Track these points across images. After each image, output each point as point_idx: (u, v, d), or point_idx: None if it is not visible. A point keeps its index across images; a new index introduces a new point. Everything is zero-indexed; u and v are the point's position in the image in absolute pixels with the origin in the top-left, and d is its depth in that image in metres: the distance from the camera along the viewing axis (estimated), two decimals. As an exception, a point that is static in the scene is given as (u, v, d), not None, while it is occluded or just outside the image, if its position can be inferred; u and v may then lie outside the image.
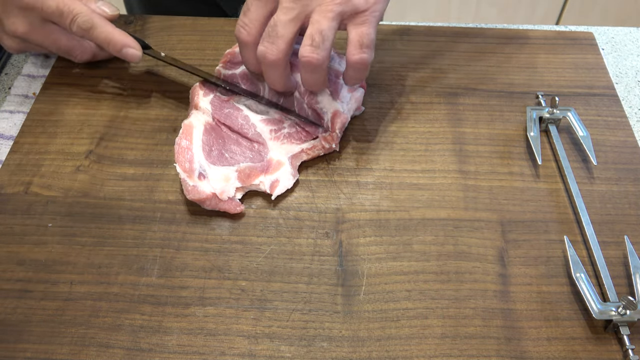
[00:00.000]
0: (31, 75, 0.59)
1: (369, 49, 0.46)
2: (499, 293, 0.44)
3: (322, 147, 0.50)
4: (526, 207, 0.48)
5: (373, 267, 0.45)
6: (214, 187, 0.47)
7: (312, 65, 0.45)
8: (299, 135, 0.51)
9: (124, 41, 0.52)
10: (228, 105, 0.52)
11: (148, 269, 0.44)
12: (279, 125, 0.51)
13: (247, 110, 0.52)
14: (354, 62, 0.46)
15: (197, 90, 0.53)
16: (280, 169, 0.49)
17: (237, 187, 0.48)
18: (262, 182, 0.48)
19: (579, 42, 0.61)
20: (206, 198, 0.46)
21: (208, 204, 0.46)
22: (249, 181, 0.48)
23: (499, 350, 0.41)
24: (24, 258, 0.45)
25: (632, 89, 0.59)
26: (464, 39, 0.61)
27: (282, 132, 0.51)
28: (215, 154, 0.49)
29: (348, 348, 0.41)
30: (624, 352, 0.41)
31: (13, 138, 0.53)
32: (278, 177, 0.48)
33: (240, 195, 0.48)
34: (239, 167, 0.48)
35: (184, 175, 0.46)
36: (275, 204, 0.48)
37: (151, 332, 0.41)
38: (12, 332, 0.41)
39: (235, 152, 0.50)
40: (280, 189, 0.48)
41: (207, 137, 0.49)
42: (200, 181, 0.47)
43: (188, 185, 0.46)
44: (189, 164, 0.47)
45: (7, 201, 0.48)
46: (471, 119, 0.54)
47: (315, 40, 0.45)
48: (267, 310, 0.42)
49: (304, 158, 0.50)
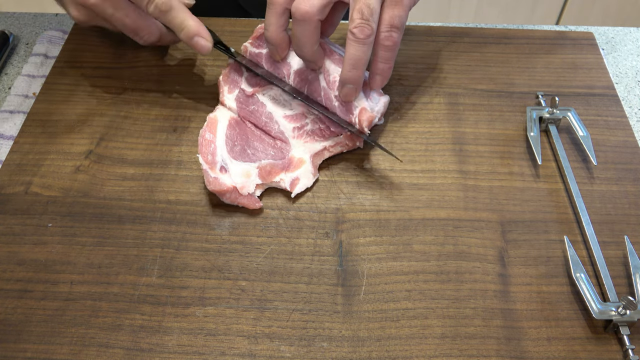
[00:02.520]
0: (31, 75, 0.59)
1: (398, 30, 0.47)
2: (499, 293, 0.44)
3: (345, 145, 0.50)
4: (526, 207, 0.48)
5: (373, 267, 0.45)
6: (235, 181, 0.47)
7: (364, 34, 0.45)
8: (322, 133, 0.50)
9: (198, 30, 0.51)
10: (253, 100, 0.52)
11: (148, 269, 0.44)
12: (301, 122, 0.51)
13: (270, 105, 0.52)
14: (383, 39, 0.47)
15: (221, 86, 0.53)
16: (301, 167, 0.49)
17: (258, 183, 0.48)
18: (283, 180, 0.48)
19: (579, 42, 0.61)
20: (227, 190, 0.46)
21: (227, 197, 0.47)
22: (269, 178, 0.48)
23: (499, 350, 0.41)
24: (24, 258, 0.45)
25: (632, 89, 0.59)
26: (464, 39, 0.61)
27: (305, 130, 0.51)
28: (237, 150, 0.49)
29: (348, 348, 0.41)
30: (624, 352, 0.41)
31: (13, 138, 0.53)
32: (298, 175, 0.49)
33: (260, 192, 0.48)
34: (260, 164, 0.48)
35: (206, 166, 0.47)
36: (276, 204, 0.48)
37: (151, 332, 0.41)
38: (12, 332, 0.41)
39: (258, 148, 0.50)
40: (300, 187, 0.48)
41: (231, 132, 0.50)
42: (222, 174, 0.47)
43: (210, 176, 0.47)
44: (212, 157, 0.48)
45: (7, 201, 0.48)
46: (471, 119, 0.54)
47: (364, 13, 0.45)
48: (267, 310, 0.42)
49: (326, 156, 0.51)
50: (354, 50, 0.46)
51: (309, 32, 0.47)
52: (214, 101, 0.55)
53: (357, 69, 0.47)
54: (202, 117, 0.54)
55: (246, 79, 0.53)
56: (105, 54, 0.59)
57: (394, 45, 0.48)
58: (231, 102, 0.52)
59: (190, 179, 0.50)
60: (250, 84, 0.53)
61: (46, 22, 0.66)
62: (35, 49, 0.61)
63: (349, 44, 0.46)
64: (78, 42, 0.60)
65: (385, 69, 0.49)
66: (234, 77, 0.53)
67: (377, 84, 0.50)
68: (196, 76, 0.57)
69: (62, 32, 0.63)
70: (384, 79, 0.50)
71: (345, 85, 0.48)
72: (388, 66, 0.49)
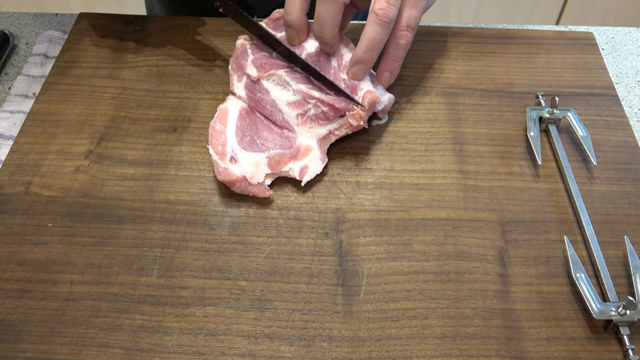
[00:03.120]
0: (31, 75, 0.59)
1: (413, 31, 0.50)
2: (499, 293, 0.44)
3: (350, 126, 0.50)
4: (526, 207, 0.48)
5: (373, 267, 0.45)
6: (245, 171, 0.47)
7: (388, 17, 0.47)
8: (326, 115, 0.50)
9: None
10: (258, 87, 0.52)
11: (148, 269, 0.44)
12: (304, 107, 0.51)
13: (274, 91, 0.51)
14: (398, 37, 0.49)
15: (231, 75, 0.53)
16: (309, 155, 0.49)
17: (267, 173, 0.48)
18: (292, 169, 0.49)
19: (579, 42, 0.61)
20: (236, 180, 0.47)
21: (238, 187, 0.47)
22: (278, 168, 0.49)
23: (499, 350, 0.41)
24: (24, 258, 0.45)
25: (632, 89, 0.59)
26: (464, 39, 0.61)
27: (308, 115, 0.50)
28: (247, 140, 0.50)
29: (348, 348, 0.41)
30: (624, 352, 0.41)
31: (13, 138, 0.53)
32: (307, 162, 0.49)
33: (270, 181, 0.49)
34: (269, 154, 0.49)
35: (216, 157, 0.47)
36: (276, 204, 0.48)
37: (151, 332, 0.41)
38: (12, 332, 0.41)
39: (267, 139, 0.50)
40: (310, 175, 0.48)
41: (241, 123, 0.50)
42: (232, 164, 0.47)
43: (220, 167, 0.47)
44: (222, 148, 0.48)
45: (7, 201, 0.48)
46: (471, 119, 0.54)
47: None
48: (267, 310, 0.42)
49: (332, 140, 0.51)
50: (373, 32, 0.48)
51: (334, 13, 0.48)
52: (214, 101, 0.55)
53: (373, 50, 0.48)
54: (202, 117, 0.54)
55: (252, 61, 0.53)
56: (105, 54, 0.59)
57: (407, 45, 0.50)
58: (241, 90, 0.52)
59: (190, 179, 0.50)
60: (255, 66, 0.52)
61: (46, 22, 0.66)
62: (35, 49, 0.61)
63: (370, 25, 0.47)
64: (78, 42, 0.60)
65: (395, 67, 0.51)
66: (240, 61, 0.53)
67: (385, 80, 0.51)
68: (196, 76, 0.57)
69: (62, 32, 0.63)
70: (392, 76, 0.51)
71: (356, 65, 0.49)
72: (397, 64, 0.51)
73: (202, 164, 0.50)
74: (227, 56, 0.59)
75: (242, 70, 0.53)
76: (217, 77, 0.57)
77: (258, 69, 0.52)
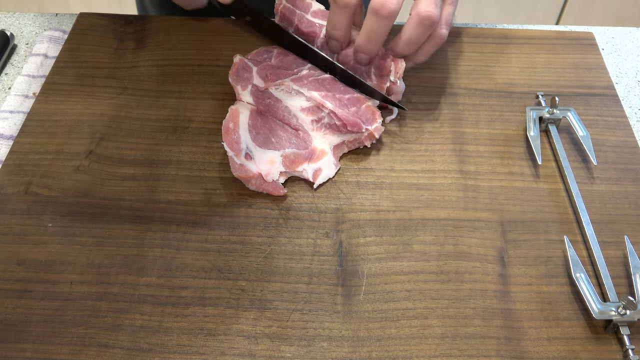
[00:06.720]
0: (31, 75, 0.59)
1: (449, 28, 0.51)
2: (499, 293, 0.44)
3: (362, 142, 0.51)
4: (526, 207, 0.48)
5: (373, 267, 0.45)
6: (260, 168, 0.48)
7: (431, 20, 0.47)
8: (339, 129, 0.51)
9: None
10: (267, 94, 0.52)
11: (148, 269, 0.44)
12: (318, 115, 0.51)
13: (286, 99, 0.52)
14: (435, 36, 0.50)
15: (234, 86, 0.53)
16: (323, 158, 0.50)
17: (281, 171, 0.48)
18: (305, 170, 0.49)
19: (579, 42, 0.61)
20: (252, 177, 0.47)
21: (253, 184, 0.48)
22: (293, 167, 0.49)
23: (499, 350, 0.41)
24: (24, 258, 0.45)
25: (632, 89, 0.59)
26: (464, 39, 0.61)
27: (322, 123, 0.51)
28: (261, 138, 0.50)
29: (348, 348, 0.41)
30: (624, 352, 0.41)
31: (13, 138, 0.53)
32: (321, 165, 0.49)
33: (283, 179, 0.49)
34: (284, 153, 0.49)
35: (232, 153, 0.47)
36: (276, 204, 0.48)
37: (151, 332, 0.41)
38: (12, 332, 0.41)
39: (282, 137, 0.51)
40: (323, 178, 0.49)
41: (254, 121, 0.50)
42: (247, 161, 0.48)
43: (235, 163, 0.47)
44: (236, 145, 0.48)
45: (7, 201, 0.48)
46: (471, 119, 0.54)
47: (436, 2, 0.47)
48: (267, 310, 0.42)
49: (345, 150, 0.51)
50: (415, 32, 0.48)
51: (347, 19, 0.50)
52: (214, 101, 0.55)
53: (411, 48, 0.50)
54: (202, 117, 0.54)
55: (257, 72, 0.53)
56: (105, 54, 0.59)
57: (443, 40, 0.51)
58: (248, 97, 0.52)
59: (190, 179, 0.50)
60: (261, 76, 0.53)
61: (46, 22, 0.66)
62: (35, 49, 0.61)
63: (412, 25, 0.48)
64: (78, 42, 0.60)
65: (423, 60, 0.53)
66: (243, 74, 0.53)
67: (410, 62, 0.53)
68: (196, 76, 0.57)
69: (62, 32, 0.63)
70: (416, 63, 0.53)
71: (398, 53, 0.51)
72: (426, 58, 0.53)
73: (202, 164, 0.50)
74: (227, 56, 0.59)
75: (247, 81, 0.53)
76: (217, 77, 0.57)
77: (264, 79, 0.53)
